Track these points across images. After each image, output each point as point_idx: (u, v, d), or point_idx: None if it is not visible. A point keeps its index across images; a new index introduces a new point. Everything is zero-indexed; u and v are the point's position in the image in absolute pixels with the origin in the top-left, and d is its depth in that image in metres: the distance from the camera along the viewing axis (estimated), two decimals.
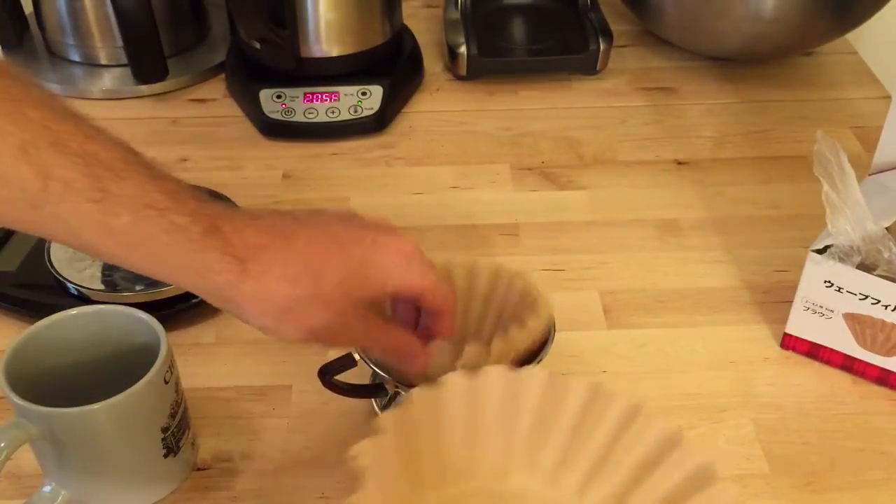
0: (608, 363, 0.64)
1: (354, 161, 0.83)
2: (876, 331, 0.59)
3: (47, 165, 0.37)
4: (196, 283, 0.42)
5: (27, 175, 0.37)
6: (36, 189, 0.37)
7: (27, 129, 0.37)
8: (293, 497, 0.55)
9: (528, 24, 0.99)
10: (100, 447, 0.51)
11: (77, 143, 0.38)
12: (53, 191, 0.37)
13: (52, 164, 0.37)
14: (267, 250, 0.43)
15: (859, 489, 0.55)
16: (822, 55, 0.98)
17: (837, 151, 0.58)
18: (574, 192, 0.80)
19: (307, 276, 0.44)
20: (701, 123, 0.88)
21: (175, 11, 0.94)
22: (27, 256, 0.68)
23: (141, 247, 0.40)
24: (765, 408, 0.60)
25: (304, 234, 0.45)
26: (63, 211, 0.38)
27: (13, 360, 0.51)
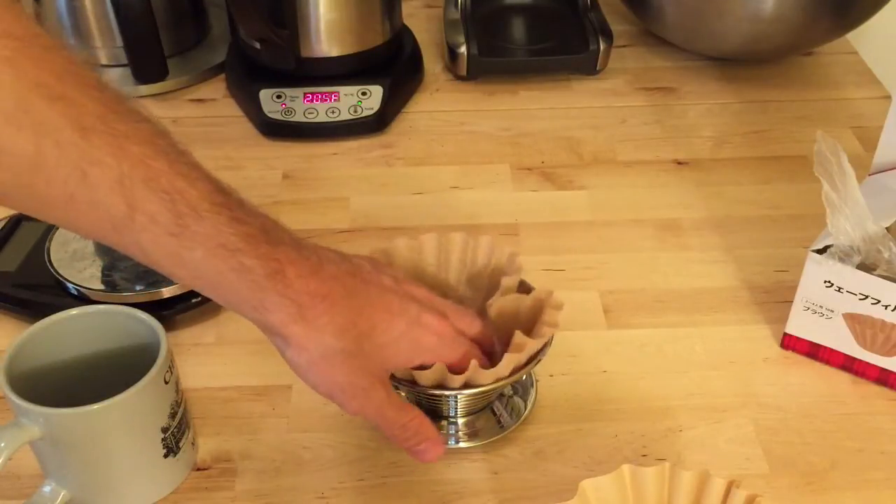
0: (608, 363, 0.64)
1: (354, 161, 0.83)
2: (876, 331, 0.59)
3: (137, 199, 0.40)
4: (252, 316, 0.46)
5: (117, 205, 0.40)
6: (123, 217, 0.41)
7: (126, 164, 0.40)
8: (293, 497, 0.55)
9: (528, 24, 0.99)
10: (100, 447, 0.51)
11: (168, 180, 0.41)
12: (138, 221, 0.41)
13: (142, 198, 0.40)
14: (325, 300, 0.46)
15: (859, 489, 0.55)
16: (822, 55, 0.98)
17: (837, 151, 0.58)
18: (574, 192, 0.80)
19: (353, 333, 0.47)
20: (701, 123, 0.88)
21: (175, 11, 0.94)
22: (27, 256, 0.68)
23: (208, 279, 0.44)
24: (765, 408, 0.60)
25: (362, 292, 0.48)
26: (143, 240, 0.42)
27: (13, 360, 0.51)
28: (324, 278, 0.46)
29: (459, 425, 0.59)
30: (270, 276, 0.44)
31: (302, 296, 0.45)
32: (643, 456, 0.57)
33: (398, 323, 0.49)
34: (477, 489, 0.56)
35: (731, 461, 0.57)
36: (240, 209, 0.44)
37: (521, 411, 0.60)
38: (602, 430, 0.59)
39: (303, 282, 0.45)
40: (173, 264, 0.43)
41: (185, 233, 0.42)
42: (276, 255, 0.44)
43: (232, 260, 0.43)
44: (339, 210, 0.77)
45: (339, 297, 0.46)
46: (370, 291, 0.48)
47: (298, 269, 0.45)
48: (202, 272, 0.43)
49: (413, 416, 0.50)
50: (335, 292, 0.46)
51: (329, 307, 0.46)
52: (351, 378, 0.47)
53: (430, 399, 0.57)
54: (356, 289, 0.48)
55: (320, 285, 0.46)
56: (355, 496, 0.55)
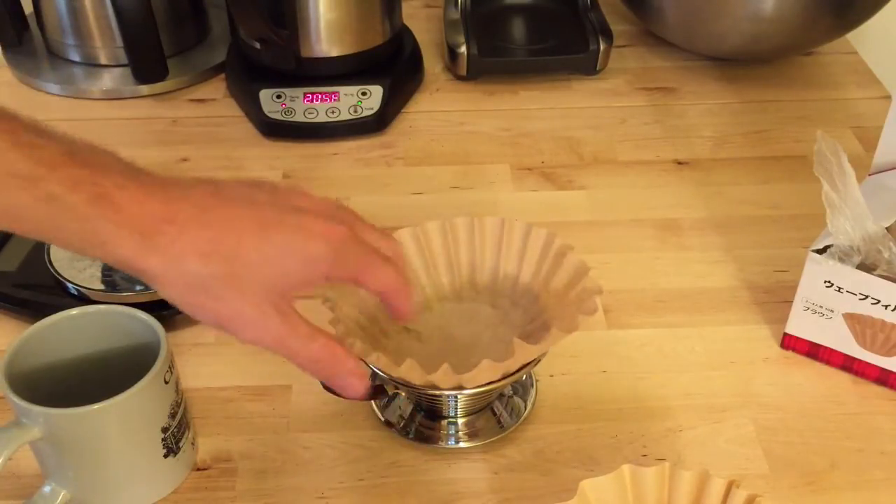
0: (608, 363, 0.64)
1: (354, 161, 0.83)
2: (876, 331, 0.59)
3: None
4: (99, 254, 0.41)
5: None
6: None
7: None
8: (293, 497, 0.55)
9: (528, 24, 0.99)
10: (100, 447, 0.51)
11: None
12: None
13: None
14: (173, 223, 0.40)
15: (859, 489, 0.55)
16: (822, 55, 0.98)
17: (837, 151, 0.58)
18: (574, 192, 0.80)
19: (219, 255, 0.41)
20: (701, 123, 0.88)
21: (175, 11, 0.94)
22: (27, 256, 0.68)
23: (22, 217, 0.39)
24: (765, 408, 0.60)
25: (218, 208, 0.42)
26: None
27: (13, 360, 0.51)
28: (167, 199, 0.41)
29: (459, 425, 0.59)
30: (92, 203, 0.38)
31: (141, 221, 0.40)
32: (643, 456, 0.57)
33: (273, 235, 0.43)
34: (477, 489, 0.56)
35: (731, 461, 0.57)
36: (29, 133, 0.39)
37: (521, 411, 0.60)
38: (602, 430, 0.59)
39: (138, 206, 0.40)
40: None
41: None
42: (92, 178, 0.39)
43: (34, 189, 0.37)
44: None
45: (191, 217, 0.41)
46: (233, 205, 0.43)
47: (131, 193, 0.40)
48: (9, 211, 0.38)
49: (324, 343, 0.44)
50: (184, 213, 0.41)
51: (180, 231, 0.40)
52: (234, 306, 0.42)
53: (430, 399, 0.57)
54: (213, 206, 0.42)
55: (163, 207, 0.40)
56: (355, 496, 0.55)
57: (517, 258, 0.59)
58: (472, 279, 0.60)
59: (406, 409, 0.60)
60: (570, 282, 0.56)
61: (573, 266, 0.56)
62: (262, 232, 0.42)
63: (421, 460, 0.57)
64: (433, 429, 0.59)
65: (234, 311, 0.42)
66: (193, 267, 0.41)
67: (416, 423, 0.59)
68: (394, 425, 0.59)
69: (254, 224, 0.42)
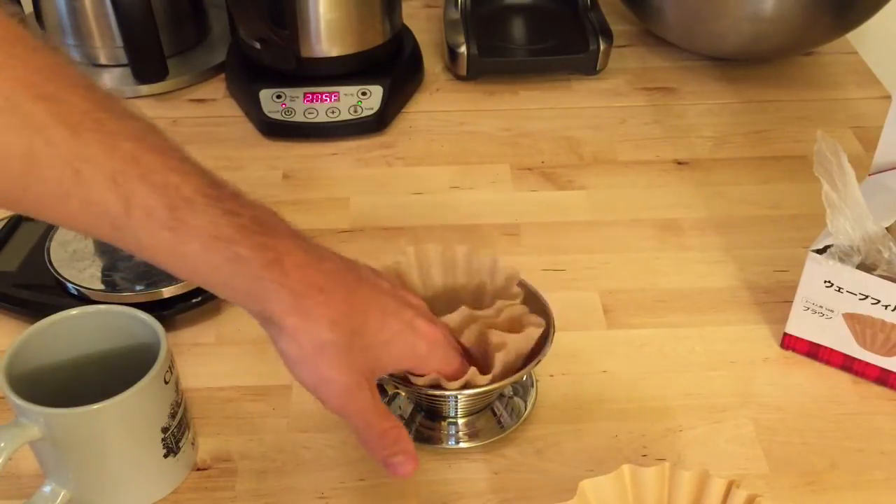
0: (608, 363, 0.64)
1: (354, 161, 0.83)
2: (876, 331, 0.59)
3: (132, 195, 0.40)
4: (250, 307, 0.45)
5: (113, 202, 0.40)
6: (120, 214, 0.41)
7: (119, 160, 0.40)
8: (293, 497, 0.55)
9: (528, 24, 0.99)
10: (100, 447, 0.51)
11: (161, 175, 0.41)
12: (135, 217, 0.41)
13: (137, 194, 0.41)
14: (322, 292, 0.45)
15: (859, 489, 0.55)
16: (822, 55, 0.98)
17: (837, 151, 0.58)
18: (574, 192, 0.80)
19: (347, 328, 0.46)
20: (701, 123, 0.88)
21: (175, 11, 0.94)
22: (27, 256, 0.68)
23: (206, 273, 0.44)
24: (765, 408, 0.60)
25: (359, 290, 0.48)
26: (141, 236, 0.42)
27: (13, 360, 0.51)
28: (322, 271, 0.46)
29: (459, 425, 0.59)
30: (267, 266, 0.44)
31: (299, 285, 0.45)
32: (643, 456, 0.57)
33: (392, 324, 0.49)
34: (477, 489, 0.56)
35: (731, 461, 0.57)
36: (233, 201, 0.44)
37: (521, 411, 0.60)
38: (602, 430, 0.59)
39: (301, 272, 0.45)
40: (171, 259, 0.43)
41: (181, 227, 0.42)
42: (272, 244, 0.44)
43: (227, 251, 0.43)
44: (339, 210, 0.77)
45: (336, 290, 0.46)
46: (367, 290, 0.48)
47: (296, 259, 0.45)
48: (199, 266, 0.43)
49: (394, 424, 0.49)
50: (332, 285, 0.46)
51: (326, 299, 0.45)
52: (338, 373, 0.46)
53: (431, 399, 0.57)
54: (353, 285, 0.47)
55: (318, 277, 0.45)
56: (355, 496, 0.55)
57: None
58: None
59: (406, 409, 0.60)
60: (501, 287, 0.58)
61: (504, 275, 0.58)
62: (383, 318, 0.48)
63: (421, 460, 0.57)
64: (433, 429, 0.59)
65: (337, 377, 0.46)
66: (324, 332, 0.45)
67: (416, 423, 0.59)
68: None
69: (380, 311, 0.48)
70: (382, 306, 0.48)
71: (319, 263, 0.46)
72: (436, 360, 0.51)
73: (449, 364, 0.52)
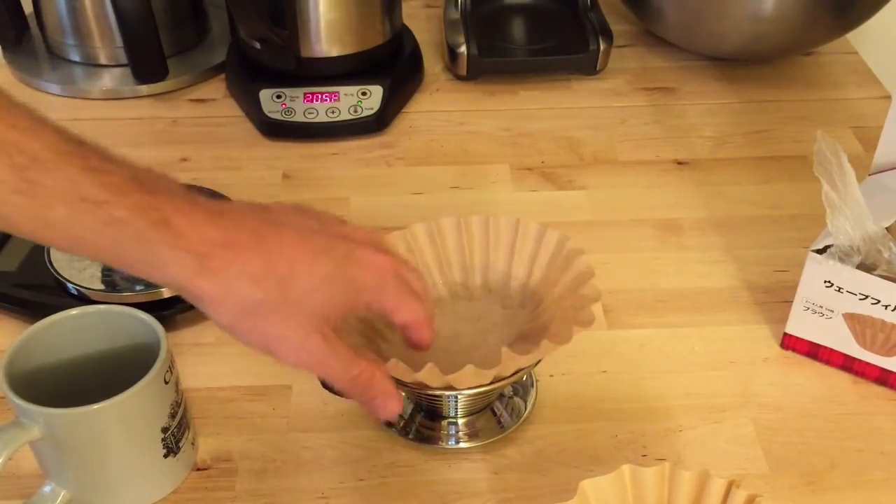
0: (608, 363, 0.64)
1: (354, 161, 0.83)
2: (876, 331, 0.59)
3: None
4: (154, 276, 0.41)
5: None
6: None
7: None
8: (293, 497, 0.55)
9: (528, 24, 0.99)
10: (100, 447, 0.51)
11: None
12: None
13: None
14: (229, 248, 0.41)
15: (859, 489, 0.55)
16: (822, 55, 0.98)
17: (837, 151, 0.58)
18: (574, 192, 0.80)
19: (271, 281, 0.42)
20: (701, 123, 0.88)
21: (175, 11, 0.94)
22: (27, 256, 0.68)
23: (85, 240, 0.40)
24: (765, 408, 0.60)
25: (273, 235, 0.43)
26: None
27: (13, 360, 0.51)
28: (223, 225, 0.42)
29: (459, 425, 0.59)
30: (154, 227, 0.40)
31: (200, 245, 0.41)
32: (643, 456, 0.57)
33: (323, 263, 0.44)
34: (477, 489, 0.56)
35: (731, 461, 0.57)
36: (96, 158, 0.40)
37: (521, 411, 0.60)
38: (602, 430, 0.59)
39: (197, 230, 0.41)
40: (39, 229, 0.39)
41: (35, 189, 0.38)
42: (155, 203, 0.40)
43: (100, 213, 0.39)
44: (339, 210, 0.77)
45: (246, 243, 0.42)
46: (285, 233, 0.44)
47: (189, 218, 0.41)
48: (74, 233, 0.39)
49: (362, 369, 0.46)
50: (240, 238, 0.42)
51: (235, 255, 0.41)
52: (282, 330, 0.43)
53: (430, 399, 0.57)
54: (266, 232, 0.43)
55: (220, 232, 0.41)
56: (355, 496, 0.55)
57: (529, 260, 0.59)
58: (485, 279, 0.60)
59: (406, 409, 0.60)
60: (571, 287, 0.56)
61: (578, 271, 0.56)
62: (313, 259, 0.44)
63: (421, 460, 0.57)
64: (433, 429, 0.59)
65: (281, 334, 0.43)
66: (246, 290, 0.42)
67: (416, 423, 0.59)
68: (394, 425, 0.59)
69: (306, 251, 0.44)
70: (308, 246, 0.44)
71: (218, 218, 0.42)
72: (389, 292, 0.47)
73: (403, 292, 0.47)
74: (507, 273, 0.60)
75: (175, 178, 0.43)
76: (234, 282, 0.41)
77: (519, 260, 0.60)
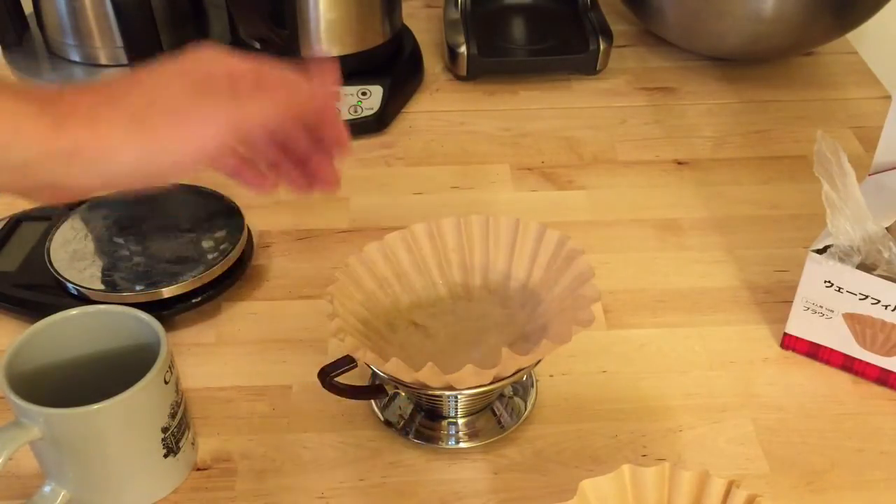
0: (608, 363, 0.64)
1: (354, 161, 0.83)
2: (876, 331, 0.59)
3: None
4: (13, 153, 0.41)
5: None
6: None
7: None
8: (293, 497, 0.55)
9: (528, 24, 0.99)
10: (100, 447, 0.51)
11: None
12: None
13: None
14: (109, 103, 0.42)
15: (859, 489, 0.55)
16: (822, 55, 0.98)
17: (837, 151, 0.58)
18: (574, 192, 0.80)
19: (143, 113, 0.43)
20: (701, 123, 0.88)
21: (175, 11, 0.94)
22: (27, 256, 0.68)
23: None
24: (765, 408, 0.60)
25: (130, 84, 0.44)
26: None
27: (13, 360, 0.51)
28: (96, 91, 0.43)
29: (459, 425, 0.59)
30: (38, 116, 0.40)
31: (63, 107, 0.41)
32: (643, 456, 0.57)
33: (175, 83, 0.44)
34: (477, 489, 0.56)
35: (731, 461, 0.57)
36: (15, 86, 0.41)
37: (521, 411, 0.60)
38: (602, 430, 0.59)
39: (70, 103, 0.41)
40: None
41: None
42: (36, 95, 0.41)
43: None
44: (339, 210, 0.77)
45: (106, 97, 0.42)
46: (138, 78, 0.45)
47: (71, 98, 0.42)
48: None
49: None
50: (100, 96, 0.42)
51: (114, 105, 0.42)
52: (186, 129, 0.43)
53: (430, 399, 0.57)
54: (123, 85, 0.44)
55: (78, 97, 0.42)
56: (355, 496, 0.55)
57: (529, 260, 0.59)
58: (485, 279, 0.60)
59: (406, 409, 0.60)
60: (571, 287, 0.56)
61: (578, 271, 0.56)
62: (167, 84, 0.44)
63: (421, 460, 0.57)
64: (433, 429, 0.59)
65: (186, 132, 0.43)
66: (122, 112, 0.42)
67: (416, 423, 0.59)
68: (394, 425, 0.59)
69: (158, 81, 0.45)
70: (159, 78, 0.45)
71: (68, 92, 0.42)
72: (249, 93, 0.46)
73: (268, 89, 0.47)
74: (506, 273, 0.60)
75: None
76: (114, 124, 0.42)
77: (519, 260, 0.60)
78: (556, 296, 0.57)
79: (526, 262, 0.60)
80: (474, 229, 0.60)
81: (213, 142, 0.44)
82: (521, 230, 0.60)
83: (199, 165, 0.44)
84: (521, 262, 0.60)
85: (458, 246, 0.60)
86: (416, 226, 0.60)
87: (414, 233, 0.60)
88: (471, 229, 0.60)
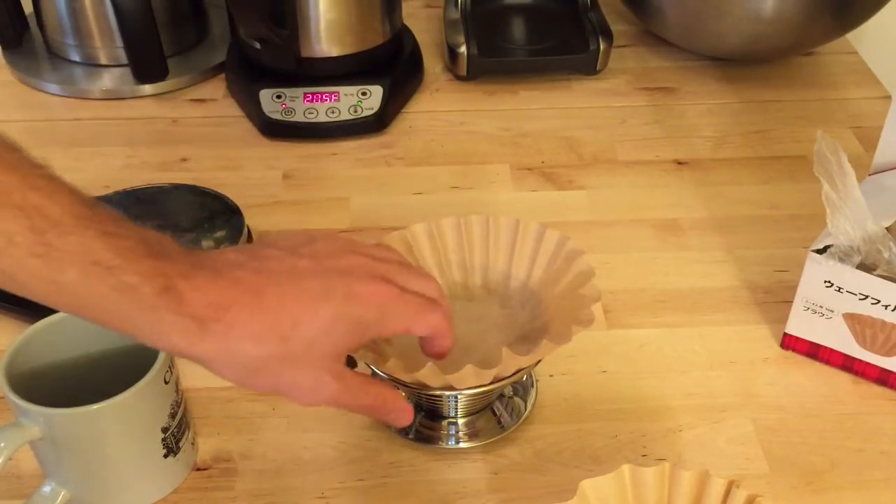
0: (608, 363, 0.64)
1: (354, 161, 0.83)
2: (876, 331, 0.59)
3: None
4: (159, 343, 0.42)
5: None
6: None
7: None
8: (293, 497, 0.55)
9: (528, 24, 0.99)
10: (100, 447, 0.51)
11: (21, 195, 0.37)
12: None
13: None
14: (230, 310, 0.42)
15: (859, 489, 0.55)
16: (822, 55, 0.98)
17: (837, 151, 0.58)
18: (574, 192, 0.80)
19: (274, 336, 0.43)
20: (701, 123, 0.88)
21: (175, 11, 0.94)
22: None
23: (92, 304, 0.40)
24: (765, 408, 0.60)
25: (272, 290, 0.43)
26: (7, 265, 0.37)
27: (13, 360, 0.51)
28: (224, 287, 0.42)
29: (459, 425, 0.59)
30: (160, 294, 0.40)
31: (201, 310, 0.41)
32: (643, 456, 0.57)
33: (325, 309, 0.44)
34: (477, 489, 0.56)
35: (731, 461, 0.57)
36: (112, 223, 0.40)
37: (521, 411, 0.60)
38: (602, 430, 0.59)
39: (200, 294, 0.41)
40: (50, 292, 0.39)
41: (51, 253, 0.37)
42: (162, 269, 0.40)
43: (110, 279, 0.39)
44: (339, 210, 0.77)
45: (247, 302, 0.42)
46: (283, 283, 0.44)
47: (192, 281, 0.41)
48: (83, 297, 0.39)
49: (373, 396, 0.47)
50: (241, 298, 0.42)
51: (237, 316, 0.42)
52: (293, 378, 0.44)
53: (430, 399, 0.57)
54: (265, 287, 0.43)
55: (221, 295, 0.42)
56: (355, 496, 0.55)
57: (529, 260, 0.59)
58: (485, 279, 0.60)
59: None
60: (571, 287, 0.56)
61: (578, 271, 0.56)
62: (313, 307, 0.44)
63: (421, 460, 0.57)
64: (433, 429, 0.59)
65: (292, 383, 0.44)
66: (249, 349, 0.42)
67: (416, 423, 0.59)
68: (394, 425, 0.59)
69: (305, 300, 0.44)
70: (306, 293, 0.44)
71: (219, 278, 0.42)
72: (393, 320, 0.46)
73: (407, 314, 0.47)
74: (506, 273, 0.60)
75: (173, 239, 0.43)
76: (236, 343, 0.42)
77: (519, 260, 0.60)
78: (556, 296, 0.57)
79: (526, 262, 0.59)
80: (474, 229, 0.60)
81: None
82: (521, 230, 0.60)
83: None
84: (521, 263, 0.60)
85: (458, 246, 0.60)
86: (416, 226, 0.60)
87: (414, 233, 0.60)
88: (471, 229, 0.60)
